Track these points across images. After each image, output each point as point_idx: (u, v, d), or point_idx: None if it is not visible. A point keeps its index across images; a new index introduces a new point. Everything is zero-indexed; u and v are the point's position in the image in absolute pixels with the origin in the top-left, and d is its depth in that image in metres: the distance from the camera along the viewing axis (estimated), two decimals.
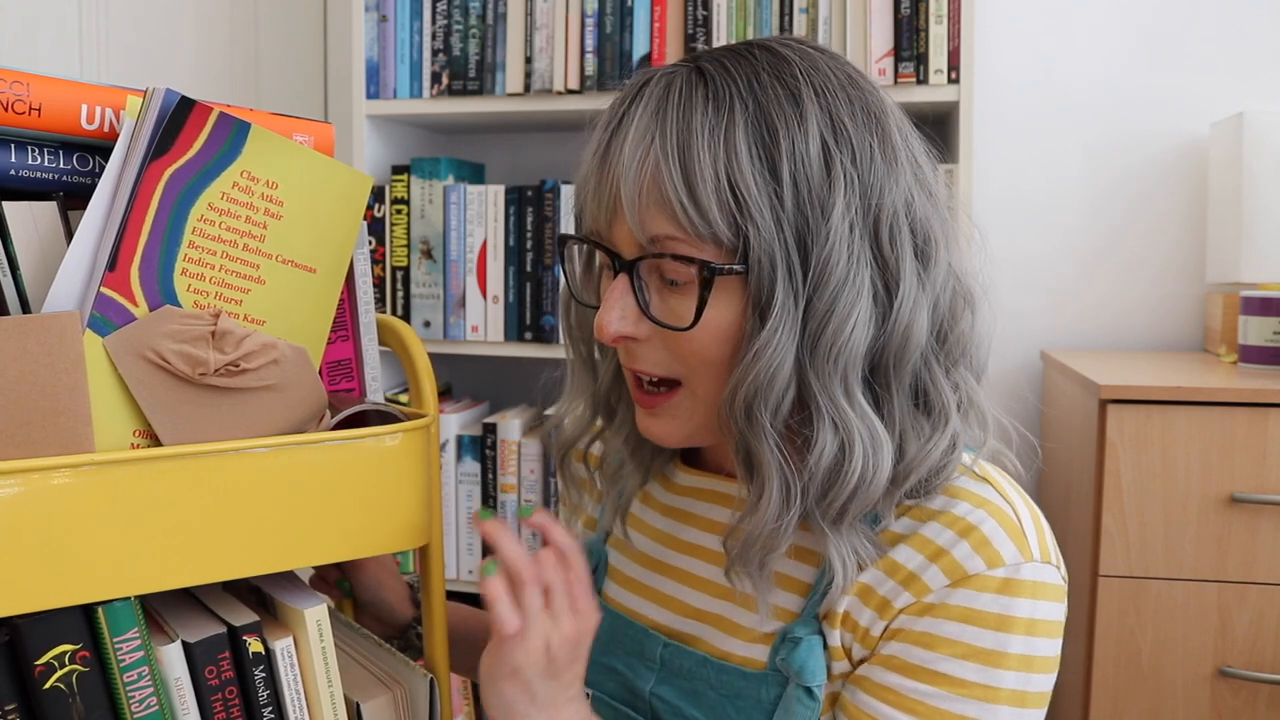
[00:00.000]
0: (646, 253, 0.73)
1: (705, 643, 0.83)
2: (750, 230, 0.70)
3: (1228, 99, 1.92)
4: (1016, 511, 0.75)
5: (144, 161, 0.62)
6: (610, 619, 0.89)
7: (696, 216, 0.70)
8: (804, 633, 0.76)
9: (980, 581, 0.72)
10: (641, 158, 0.71)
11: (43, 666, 0.59)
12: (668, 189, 0.70)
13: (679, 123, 0.71)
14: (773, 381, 0.71)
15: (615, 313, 0.74)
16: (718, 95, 0.71)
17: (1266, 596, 1.43)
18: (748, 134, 0.70)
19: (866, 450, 0.72)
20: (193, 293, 0.65)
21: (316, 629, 0.68)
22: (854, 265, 0.71)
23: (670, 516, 0.89)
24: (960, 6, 1.64)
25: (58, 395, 0.59)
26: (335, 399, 0.75)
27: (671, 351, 0.75)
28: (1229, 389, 1.42)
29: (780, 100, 0.71)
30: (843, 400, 0.72)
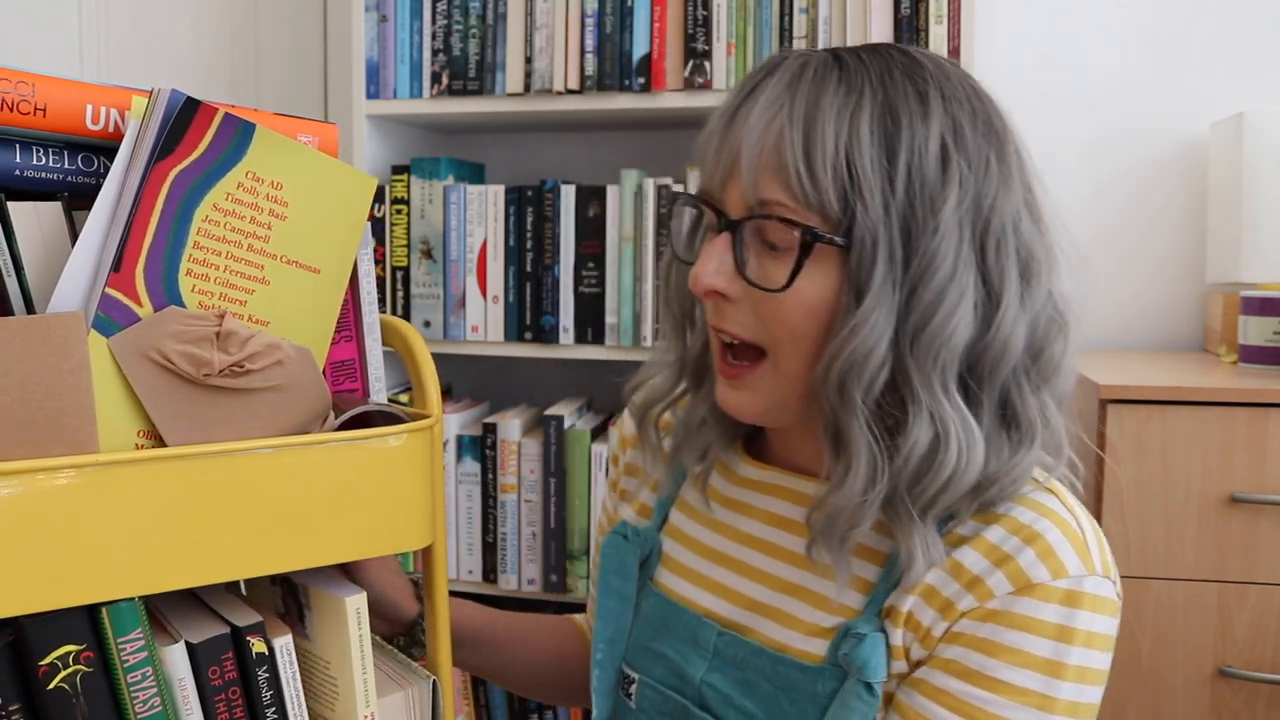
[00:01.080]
0: (753, 214, 0.75)
1: (760, 634, 0.84)
2: (858, 207, 0.72)
3: (1228, 99, 1.92)
4: (1079, 522, 0.77)
5: (149, 162, 0.62)
6: (661, 605, 0.91)
7: (810, 185, 0.72)
8: (867, 629, 0.77)
9: (1044, 591, 0.73)
10: (767, 122, 0.74)
11: (46, 667, 0.59)
12: (786, 154, 0.73)
13: (809, 97, 0.74)
14: (867, 359, 0.72)
15: (712, 265, 0.77)
16: (850, 80, 0.74)
17: (1266, 596, 1.43)
18: (872, 118, 0.73)
19: (961, 444, 0.73)
20: (197, 293, 0.65)
21: (356, 617, 0.69)
22: (960, 265, 0.73)
23: (730, 508, 0.91)
24: (960, 6, 1.64)
25: (62, 396, 0.59)
26: (339, 400, 0.75)
27: (760, 316, 0.77)
28: (1229, 389, 1.43)
29: (908, 96, 0.74)
30: (940, 393, 0.73)
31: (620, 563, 0.95)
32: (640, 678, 0.90)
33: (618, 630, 0.93)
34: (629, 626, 0.93)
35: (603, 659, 0.93)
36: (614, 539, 0.97)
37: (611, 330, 1.78)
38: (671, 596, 0.91)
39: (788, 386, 0.78)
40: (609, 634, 0.94)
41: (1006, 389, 0.76)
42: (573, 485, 1.81)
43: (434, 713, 0.77)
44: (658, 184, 1.74)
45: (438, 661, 0.80)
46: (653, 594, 0.93)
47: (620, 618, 0.94)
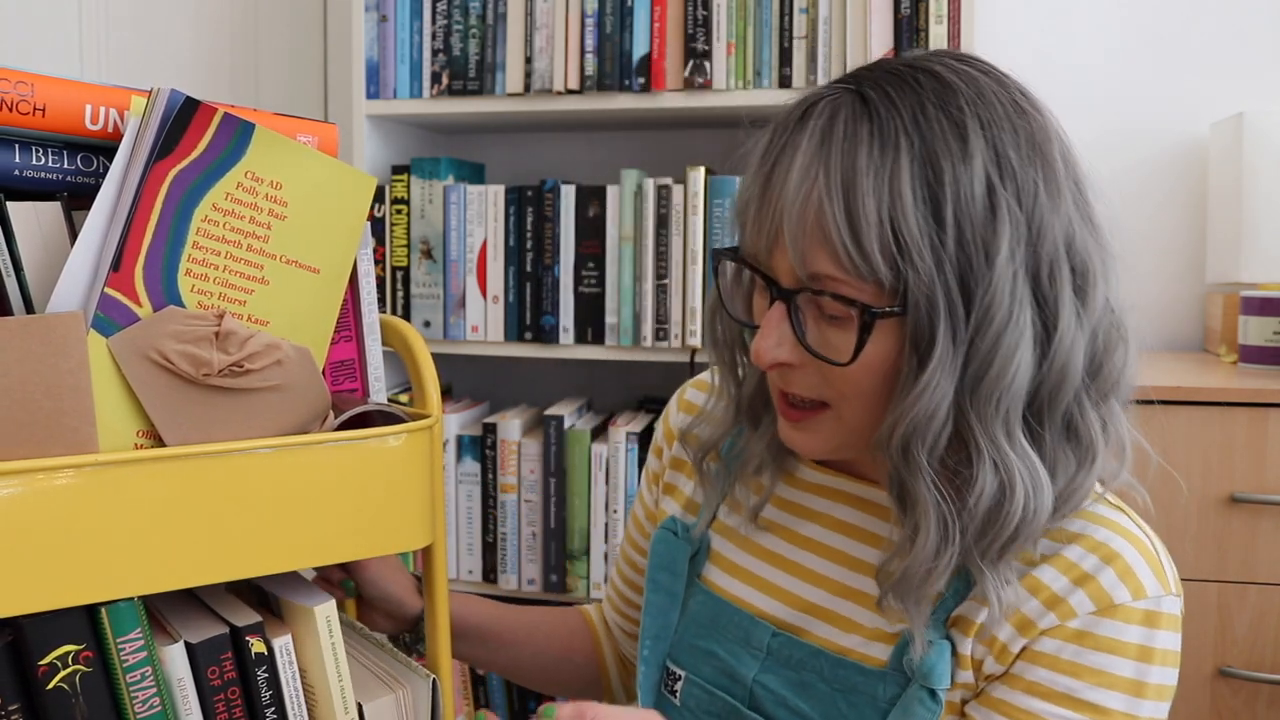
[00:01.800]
0: (805, 287, 0.73)
1: (817, 636, 0.84)
2: (910, 273, 0.70)
3: (1228, 99, 1.92)
4: (1152, 541, 0.78)
5: (148, 162, 0.62)
6: (711, 604, 0.90)
7: (859, 258, 0.70)
8: (933, 636, 0.77)
9: (1126, 613, 0.74)
10: (805, 195, 0.71)
11: (46, 667, 0.59)
12: (830, 230, 0.70)
13: (843, 160, 0.71)
14: (930, 421, 0.71)
15: (772, 340, 0.75)
16: (883, 131, 0.71)
17: (1266, 596, 1.43)
18: (912, 174, 0.70)
19: (1028, 490, 0.72)
20: (197, 293, 0.65)
21: (326, 625, 0.68)
22: (1017, 306, 0.71)
23: (789, 511, 0.91)
24: (960, 6, 1.64)
25: (61, 396, 0.59)
26: (339, 399, 0.75)
27: (825, 379, 0.76)
28: (1229, 389, 1.42)
29: (946, 135, 0.71)
30: (1004, 441, 0.72)
31: (670, 558, 0.94)
32: (687, 675, 0.90)
33: (664, 627, 0.93)
34: (675, 623, 0.93)
35: (649, 655, 0.93)
36: (664, 534, 0.96)
37: (611, 330, 1.78)
38: (722, 595, 0.91)
39: (851, 431, 0.78)
40: (655, 630, 0.93)
41: (1069, 411, 0.74)
42: (573, 485, 1.81)
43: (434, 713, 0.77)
44: (658, 184, 1.74)
45: (437, 661, 0.80)
46: (701, 591, 0.92)
47: (668, 614, 0.93)
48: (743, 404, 0.89)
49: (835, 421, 0.78)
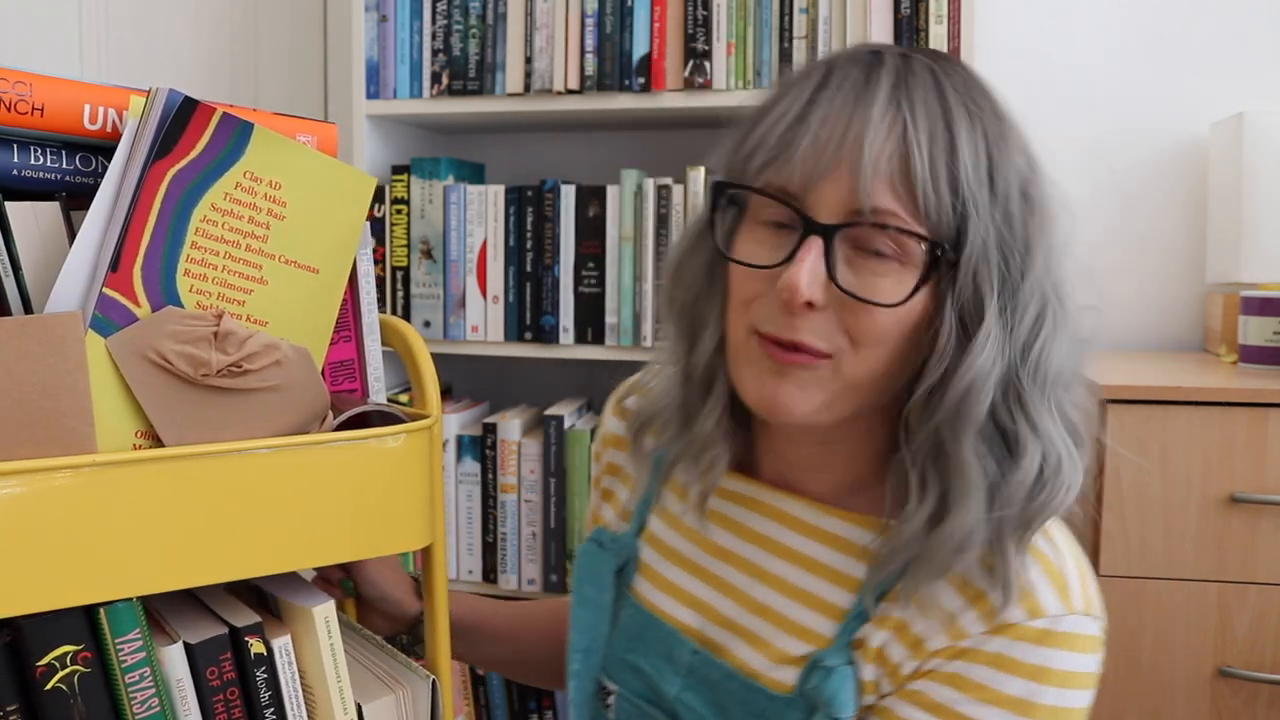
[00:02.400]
0: (859, 220, 0.71)
1: (734, 655, 0.82)
2: (971, 222, 0.70)
3: (1228, 99, 1.92)
4: (1061, 558, 0.74)
5: (147, 162, 0.62)
6: (638, 617, 0.88)
7: (933, 195, 0.69)
8: (836, 662, 0.75)
9: (1018, 631, 0.71)
10: (889, 126, 0.70)
11: (44, 667, 0.59)
12: (915, 162, 0.69)
13: (929, 103, 0.71)
14: (987, 380, 0.70)
15: (808, 275, 0.70)
16: (956, 91, 0.73)
17: (1266, 596, 1.43)
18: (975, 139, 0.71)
19: (1067, 465, 0.72)
20: (195, 293, 0.65)
21: (325, 626, 0.68)
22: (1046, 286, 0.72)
23: (711, 519, 0.87)
24: (960, 6, 1.64)
25: (59, 396, 0.59)
26: (338, 400, 0.75)
27: (844, 326, 0.72)
28: (1229, 389, 1.42)
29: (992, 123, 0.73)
30: (1048, 415, 0.72)
31: (594, 571, 0.92)
32: (618, 690, 0.88)
33: (593, 641, 0.91)
34: (606, 636, 0.91)
35: (579, 669, 0.91)
36: (589, 547, 0.94)
37: (611, 330, 1.78)
38: (648, 608, 0.89)
39: (842, 391, 0.74)
40: (584, 644, 0.91)
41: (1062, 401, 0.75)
42: (573, 485, 1.81)
43: (434, 713, 0.77)
44: (658, 184, 1.74)
45: (437, 661, 0.80)
46: (630, 604, 0.90)
47: (596, 628, 0.91)
48: (695, 372, 0.83)
49: (832, 375, 0.73)
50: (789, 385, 0.74)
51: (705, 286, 0.81)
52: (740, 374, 0.77)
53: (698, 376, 0.83)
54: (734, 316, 0.77)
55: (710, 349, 0.81)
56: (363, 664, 0.79)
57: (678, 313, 0.84)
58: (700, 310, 0.82)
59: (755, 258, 0.75)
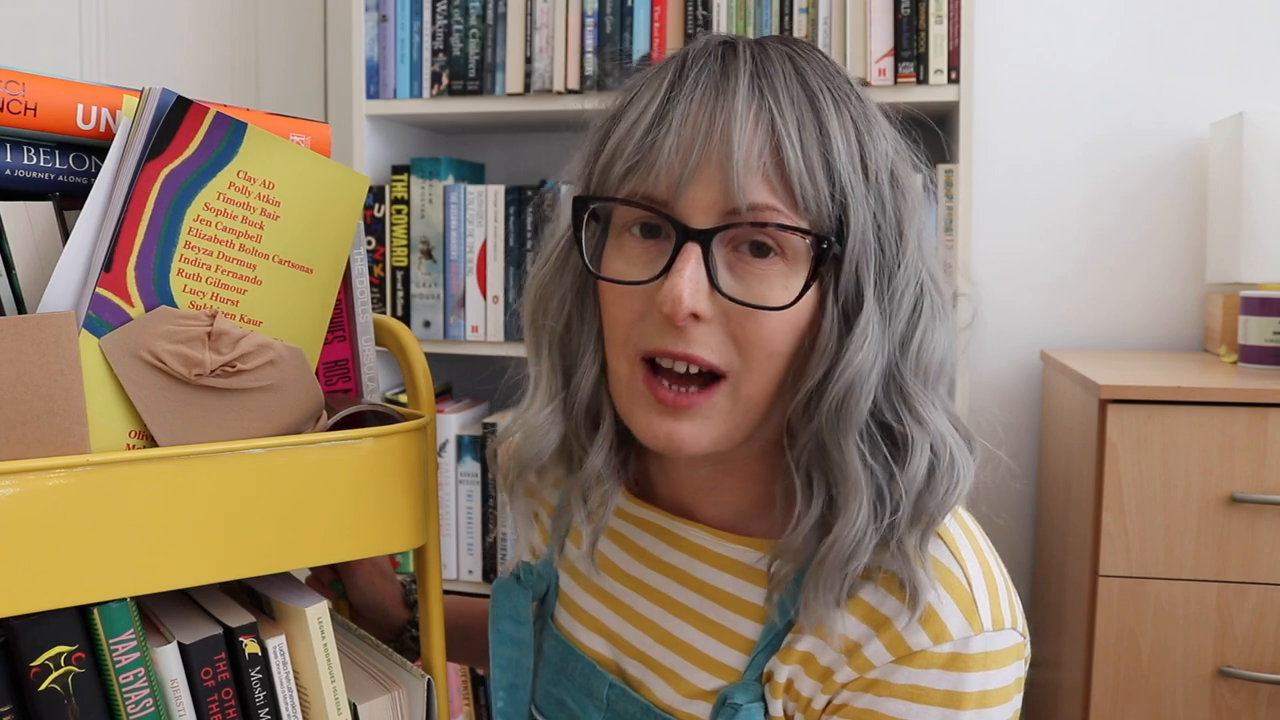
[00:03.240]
0: (735, 221, 0.66)
1: (649, 689, 0.79)
2: (850, 212, 0.67)
3: (1228, 99, 1.92)
4: (968, 575, 0.70)
5: (140, 161, 0.61)
6: (560, 648, 0.86)
7: (809, 186, 0.66)
8: (744, 699, 0.72)
9: (925, 658, 0.68)
10: (754, 121, 0.66)
11: (38, 668, 0.59)
12: (787, 153, 0.65)
13: (792, 91, 0.67)
14: (869, 377, 0.67)
15: (689, 286, 0.65)
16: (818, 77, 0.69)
17: (1266, 596, 1.43)
18: (842, 124, 0.68)
19: (960, 455, 0.69)
20: (189, 293, 0.65)
21: (318, 626, 0.68)
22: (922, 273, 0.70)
23: (616, 543, 0.85)
24: (960, 6, 1.64)
25: (53, 396, 0.59)
26: (332, 399, 0.75)
27: (734, 337, 0.68)
28: (1229, 389, 1.42)
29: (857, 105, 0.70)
30: (931, 408, 0.69)
31: (512, 607, 0.88)
32: None
33: (518, 676, 0.88)
34: (531, 670, 0.87)
35: (505, 708, 0.88)
36: (506, 583, 0.89)
37: None
38: (567, 638, 0.86)
39: (743, 415, 0.70)
40: (509, 681, 0.88)
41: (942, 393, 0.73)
42: None
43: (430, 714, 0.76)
44: None
45: (432, 661, 0.80)
46: (552, 634, 0.87)
47: (519, 663, 0.88)
48: (577, 408, 0.78)
49: (729, 400, 0.69)
50: (686, 425, 0.70)
51: (576, 312, 0.77)
52: (629, 411, 0.72)
53: (580, 412, 0.78)
54: (614, 344, 0.73)
55: (592, 380, 0.77)
56: (358, 664, 0.79)
57: (548, 343, 0.79)
58: (574, 339, 0.77)
59: (629, 274, 0.70)
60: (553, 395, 0.79)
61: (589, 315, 0.76)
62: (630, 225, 0.71)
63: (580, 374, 0.77)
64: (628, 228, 0.71)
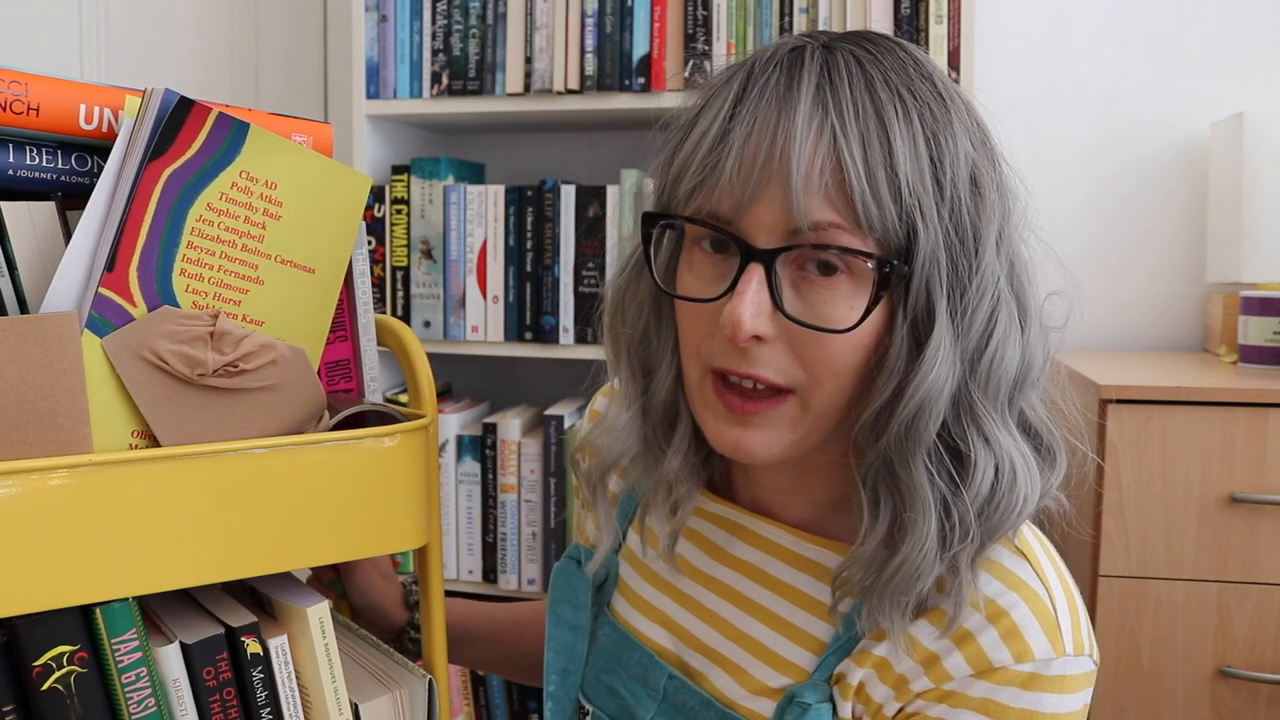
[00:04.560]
0: (798, 242, 0.65)
1: (711, 683, 0.79)
2: (920, 229, 0.65)
3: (1228, 99, 1.92)
4: (1052, 596, 0.70)
5: (142, 161, 0.62)
6: (616, 637, 0.86)
7: (874, 206, 0.64)
8: (813, 699, 0.72)
9: (1005, 675, 0.68)
10: (816, 138, 0.64)
11: (40, 668, 0.59)
12: (850, 172, 0.63)
13: (857, 104, 0.65)
14: (939, 397, 0.66)
15: (750, 308, 0.65)
16: (888, 85, 0.66)
17: (1266, 596, 1.43)
18: (914, 134, 0.65)
19: (1024, 478, 0.68)
20: (191, 293, 0.65)
21: (319, 626, 0.68)
22: (1000, 285, 0.67)
23: (688, 538, 0.84)
24: (960, 6, 1.64)
25: (55, 396, 0.59)
26: (334, 399, 0.75)
27: (799, 356, 0.68)
28: (1229, 389, 1.42)
29: (934, 106, 0.67)
30: (1001, 425, 0.68)
31: (572, 591, 0.89)
32: (594, 711, 0.86)
33: (571, 661, 0.88)
34: (584, 656, 0.87)
35: (556, 691, 0.89)
36: (566, 565, 0.90)
37: None
38: (625, 628, 0.85)
39: (814, 425, 0.70)
40: (562, 665, 0.88)
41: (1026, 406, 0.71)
42: (573, 485, 1.81)
43: (431, 713, 0.77)
44: None
45: (434, 661, 0.80)
46: (608, 622, 0.87)
47: (574, 649, 0.88)
48: (655, 412, 0.78)
49: (798, 412, 0.69)
50: (754, 433, 0.70)
51: (653, 321, 0.78)
52: (701, 416, 0.73)
53: (658, 417, 0.79)
54: (687, 353, 0.73)
55: (668, 387, 0.77)
56: (360, 664, 0.79)
57: (626, 350, 0.79)
58: (651, 347, 0.78)
59: (697, 290, 0.71)
60: (632, 400, 0.80)
61: (665, 322, 0.77)
62: (701, 239, 0.71)
63: (658, 380, 0.78)
64: (698, 241, 0.72)
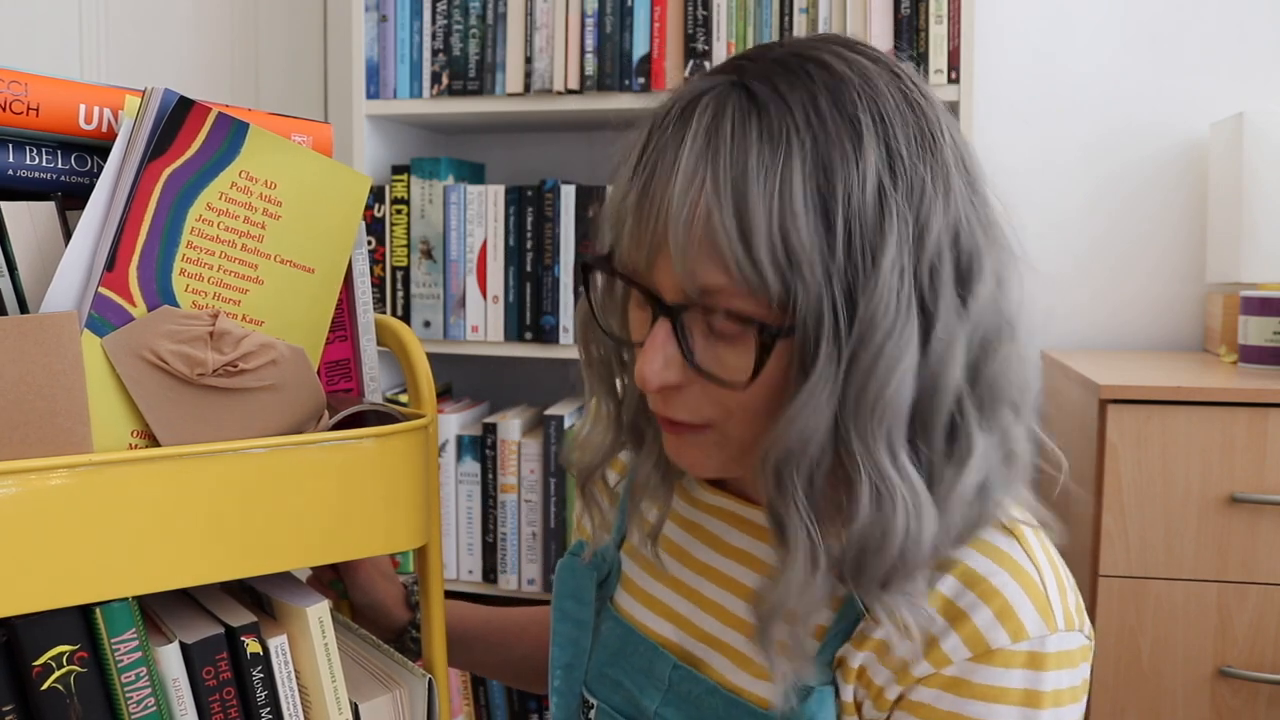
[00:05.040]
0: (694, 303, 0.67)
1: (715, 670, 0.80)
2: (799, 285, 0.64)
3: (1228, 99, 1.92)
4: (1041, 574, 0.71)
5: (142, 161, 0.62)
6: (620, 630, 0.87)
7: (751, 270, 0.64)
8: (816, 681, 0.73)
9: (1005, 657, 0.69)
10: (693, 201, 0.64)
11: (40, 667, 0.59)
12: (721, 239, 0.64)
13: (732, 164, 0.64)
14: (806, 445, 0.66)
15: (658, 363, 0.68)
16: (773, 130, 0.64)
17: (1266, 596, 1.43)
18: (804, 178, 0.64)
19: (909, 513, 0.66)
20: (191, 293, 0.65)
21: (319, 626, 0.68)
22: (901, 315, 0.65)
23: (688, 530, 0.86)
24: (960, 6, 1.64)
25: (55, 396, 0.59)
26: (333, 399, 0.75)
27: (712, 399, 0.70)
28: (1229, 389, 1.42)
29: (840, 133, 0.65)
30: (886, 461, 0.66)
31: (575, 587, 0.90)
32: (599, 704, 0.87)
33: (575, 656, 0.89)
34: (588, 650, 0.89)
35: (560, 686, 0.90)
36: (569, 561, 0.92)
37: None
38: (629, 621, 0.87)
39: (738, 450, 0.73)
40: (566, 660, 0.90)
41: (952, 423, 0.69)
42: (573, 485, 1.81)
43: (430, 713, 0.77)
44: None
45: (434, 661, 0.80)
46: (611, 616, 0.88)
47: (578, 643, 0.89)
48: (624, 424, 0.83)
49: (720, 438, 0.72)
50: (689, 450, 0.74)
51: (615, 344, 0.81)
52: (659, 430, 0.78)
53: (628, 428, 0.84)
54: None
55: (634, 401, 0.82)
56: (360, 664, 0.79)
57: (596, 366, 0.84)
58: (615, 366, 0.83)
59: (634, 328, 0.74)
60: (605, 409, 0.84)
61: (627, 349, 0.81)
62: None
63: (626, 396, 0.83)
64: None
